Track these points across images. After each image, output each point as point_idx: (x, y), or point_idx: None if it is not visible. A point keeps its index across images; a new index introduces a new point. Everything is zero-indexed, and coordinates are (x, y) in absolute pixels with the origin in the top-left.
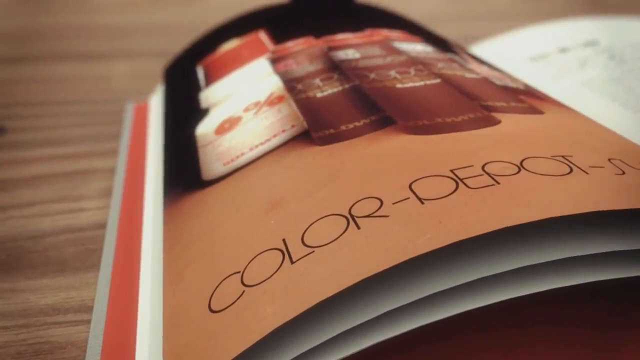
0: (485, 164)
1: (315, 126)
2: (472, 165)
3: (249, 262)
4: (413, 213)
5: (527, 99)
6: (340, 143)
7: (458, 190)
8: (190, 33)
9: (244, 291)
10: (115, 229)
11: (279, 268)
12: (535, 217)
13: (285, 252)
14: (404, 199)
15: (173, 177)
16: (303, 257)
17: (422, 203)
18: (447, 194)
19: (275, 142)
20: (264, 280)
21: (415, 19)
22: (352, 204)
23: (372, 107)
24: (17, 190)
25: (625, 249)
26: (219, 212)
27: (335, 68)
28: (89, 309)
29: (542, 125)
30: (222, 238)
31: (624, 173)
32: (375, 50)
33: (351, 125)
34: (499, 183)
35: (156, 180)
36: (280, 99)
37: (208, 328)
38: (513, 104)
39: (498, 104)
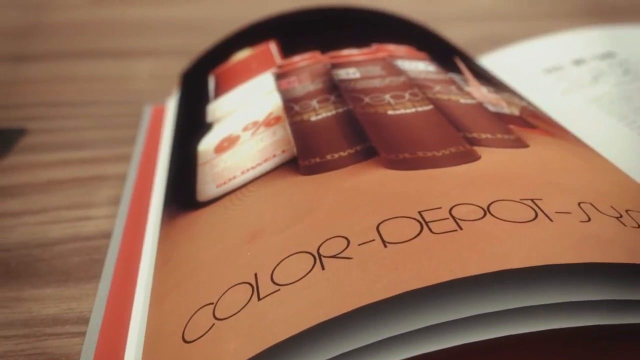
0: (453, 206)
1: (303, 153)
2: (440, 208)
3: (222, 294)
4: (375, 256)
5: (517, 129)
6: (324, 174)
7: (421, 234)
8: (216, 30)
9: (213, 324)
10: (119, 240)
11: (246, 304)
12: (489, 269)
13: (255, 288)
14: (369, 241)
15: (172, 193)
16: (269, 294)
17: (385, 246)
18: (410, 237)
19: (266, 167)
20: (232, 315)
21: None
22: (321, 242)
23: (359, 136)
24: (33, 196)
25: (578, 299)
26: (205, 237)
27: (334, 88)
28: (87, 320)
29: (521, 161)
30: (204, 265)
31: (589, 220)
32: (376, 70)
33: (336, 155)
34: (461, 229)
35: (162, 191)
36: (277, 119)
37: (180, 358)
38: (499, 135)
39: (484, 135)
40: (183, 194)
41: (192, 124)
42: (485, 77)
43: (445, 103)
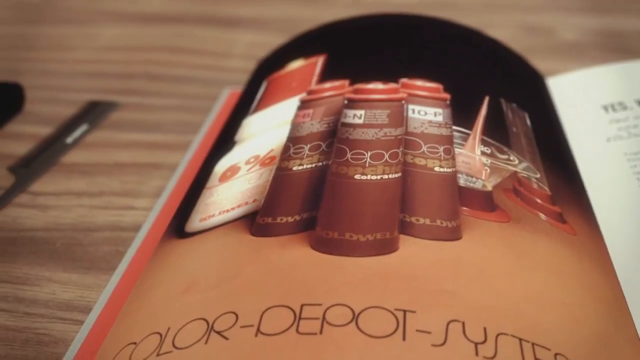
0: (331, 306)
1: (263, 209)
2: (320, 305)
3: (144, 338)
4: (243, 344)
5: (469, 212)
6: (265, 239)
7: (288, 331)
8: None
9: None
10: (143, 236)
11: (147, 357)
12: None
13: (160, 342)
14: (248, 326)
15: (177, 211)
16: (165, 353)
17: (256, 335)
18: (279, 331)
19: (235, 214)
20: None
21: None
22: (219, 314)
23: (314, 201)
24: (97, 177)
25: None
26: (165, 273)
27: (333, 134)
28: (89, 311)
29: (433, 260)
30: (149, 304)
31: (443, 344)
32: (382, 116)
33: (284, 219)
34: (321, 333)
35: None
36: (272, 159)
37: None
38: (438, 222)
39: (422, 221)
40: (180, 216)
41: (225, 135)
42: (497, 131)
43: (417, 172)
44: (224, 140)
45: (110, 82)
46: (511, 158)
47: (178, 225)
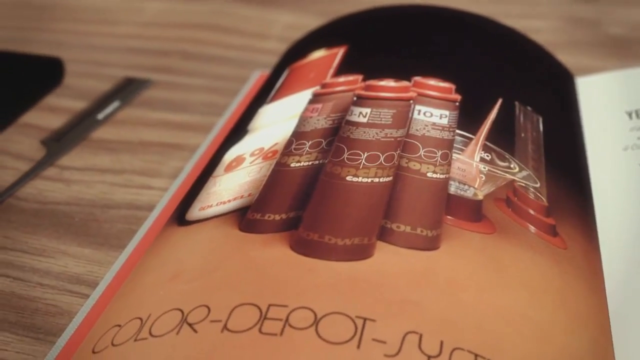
0: (296, 308)
1: (255, 205)
2: (286, 306)
3: (127, 322)
4: (210, 338)
5: (453, 222)
6: (249, 235)
7: (251, 330)
8: None
9: (107, 347)
10: (155, 217)
11: (126, 340)
12: None
13: (141, 327)
14: (218, 321)
15: (184, 197)
16: (141, 339)
17: (222, 331)
18: (243, 329)
19: (230, 206)
20: (117, 345)
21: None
22: (194, 307)
23: (303, 200)
24: (122, 154)
25: None
26: (157, 260)
27: (335, 132)
28: (96, 286)
29: (405, 269)
30: (139, 289)
31: (396, 354)
32: (387, 116)
33: (272, 217)
34: (281, 335)
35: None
36: (274, 153)
37: None
38: (419, 230)
39: (402, 228)
40: (184, 202)
41: (241, 122)
42: (504, 136)
43: (408, 176)
44: (239, 128)
45: (147, 59)
46: (512, 166)
47: (181, 212)
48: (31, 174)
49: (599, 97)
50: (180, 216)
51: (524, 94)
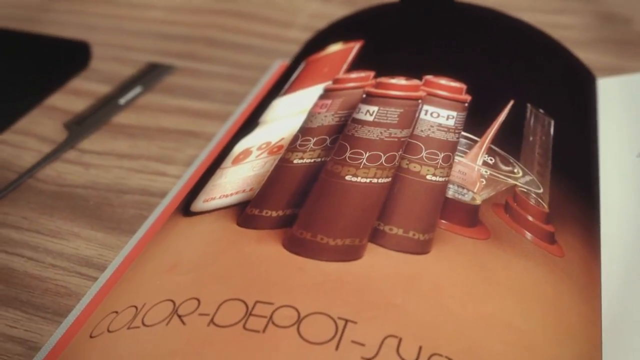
0: (281, 307)
1: (255, 201)
2: (272, 304)
3: (124, 310)
4: (196, 331)
5: (447, 226)
6: (245, 230)
7: (236, 326)
8: None
9: (102, 332)
10: (166, 204)
11: (120, 328)
12: None
13: (136, 315)
14: (206, 314)
15: (193, 187)
16: (134, 328)
17: (208, 325)
18: (229, 324)
19: (231, 200)
20: (112, 331)
21: None
22: (186, 299)
23: (300, 197)
24: (140, 140)
25: None
26: (158, 249)
27: (340, 129)
28: (104, 270)
29: (392, 272)
30: (139, 276)
31: (374, 357)
32: (393, 115)
33: (269, 213)
34: (264, 332)
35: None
36: (279, 148)
37: (84, 349)
38: (411, 233)
39: (395, 231)
40: (192, 193)
41: (255, 114)
42: (511, 139)
43: (407, 178)
44: (252, 120)
45: (173, 44)
46: (515, 171)
47: (187, 202)
48: (52, 156)
49: (618, 99)
50: (186, 206)
51: (538, 96)
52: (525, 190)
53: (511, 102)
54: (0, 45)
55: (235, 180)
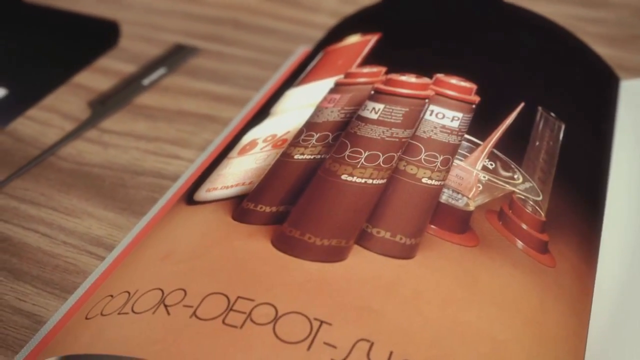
0: (261, 303)
1: (251, 195)
2: (253, 300)
3: (118, 294)
4: (178, 322)
5: (436, 231)
6: (239, 224)
7: (216, 319)
8: None
9: (97, 315)
10: (177, 187)
11: (112, 312)
12: None
13: (127, 301)
14: (190, 306)
15: (199, 175)
16: (123, 313)
17: (190, 317)
18: (210, 317)
19: (231, 192)
20: (105, 315)
21: None
22: (173, 289)
23: (296, 194)
24: (159, 122)
25: None
26: (159, 236)
27: (344, 126)
28: (112, 250)
29: (373, 275)
30: (138, 262)
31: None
32: (398, 114)
33: (263, 209)
34: (241, 328)
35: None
36: (283, 142)
37: (79, 329)
38: (398, 237)
39: (382, 234)
40: (198, 181)
41: (268, 103)
42: (516, 144)
43: (402, 180)
44: (264, 109)
45: (201, 25)
46: (515, 177)
47: (192, 189)
48: (74, 134)
49: (638, 102)
50: (190, 194)
51: (551, 98)
52: (523, 197)
53: (521, 105)
54: (33, 22)
55: (237, 172)
